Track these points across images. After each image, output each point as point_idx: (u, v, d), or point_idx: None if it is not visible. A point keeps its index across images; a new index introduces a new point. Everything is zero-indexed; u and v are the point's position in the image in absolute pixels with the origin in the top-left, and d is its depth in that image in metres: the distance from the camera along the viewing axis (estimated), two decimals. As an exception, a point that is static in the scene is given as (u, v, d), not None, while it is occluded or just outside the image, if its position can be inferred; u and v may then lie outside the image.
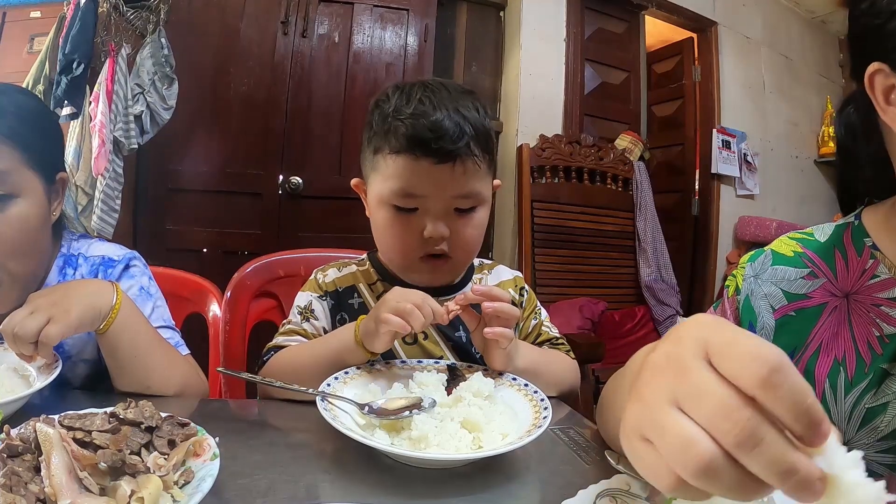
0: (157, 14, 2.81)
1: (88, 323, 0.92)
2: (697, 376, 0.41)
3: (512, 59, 3.66)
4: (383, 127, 1.04)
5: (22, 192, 0.97)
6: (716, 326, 0.44)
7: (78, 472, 0.58)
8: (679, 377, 0.42)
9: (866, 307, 0.80)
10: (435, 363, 1.03)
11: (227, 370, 1.02)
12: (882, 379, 0.76)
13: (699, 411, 0.40)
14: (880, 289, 0.80)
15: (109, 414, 0.70)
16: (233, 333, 1.42)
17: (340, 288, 1.17)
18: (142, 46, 2.78)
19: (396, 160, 1.02)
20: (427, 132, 0.98)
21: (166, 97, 2.77)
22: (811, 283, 0.85)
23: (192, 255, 1.39)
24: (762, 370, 0.38)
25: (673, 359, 0.43)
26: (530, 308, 1.25)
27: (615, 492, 0.66)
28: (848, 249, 0.85)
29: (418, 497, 0.72)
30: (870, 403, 0.77)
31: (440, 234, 1.03)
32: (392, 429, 0.83)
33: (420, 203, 1.03)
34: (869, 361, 0.78)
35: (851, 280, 0.83)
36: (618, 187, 3.78)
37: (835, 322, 0.82)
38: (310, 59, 3.16)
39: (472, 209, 1.07)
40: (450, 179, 1.01)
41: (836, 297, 0.83)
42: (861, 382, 0.77)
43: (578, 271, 3.56)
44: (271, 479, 0.72)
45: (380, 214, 1.08)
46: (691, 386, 0.41)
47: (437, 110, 1.00)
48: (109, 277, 1.09)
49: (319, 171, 3.13)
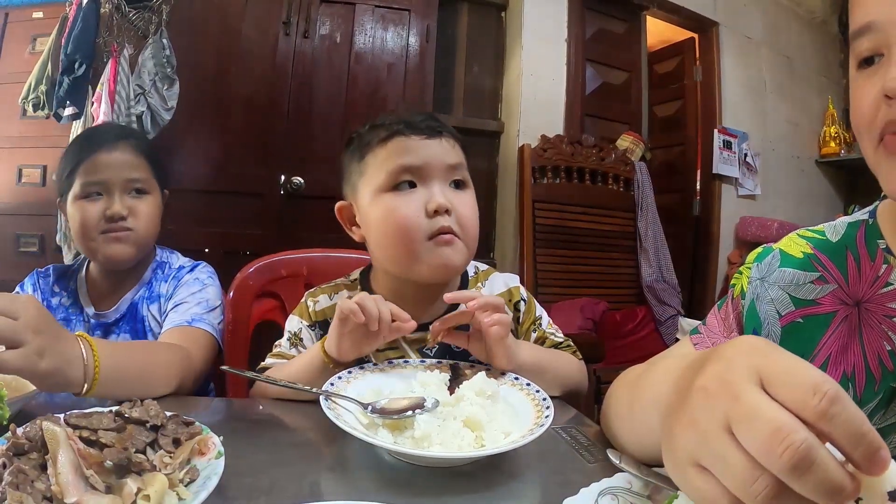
0: (158, 15, 2.82)
1: (51, 385, 0.85)
2: (752, 399, 0.41)
3: (513, 60, 3.66)
4: (365, 139, 1.11)
5: (151, 191, 1.39)
6: (769, 352, 0.44)
7: (84, 470, 0.58)
8: (733, 402, 0.42)
9: (878, 318, 0.75)
10: (437, 363, 1.04)
11: (231, 368, 1.02)
12: (892, 398, 0.73)
13: (753, 434, 0.40)
14: (893, 298, 0.75)
15: (115, 413, 0.70)
16: (236, 333, 1.43)
17: (329, 318, 1.14)
18: (143, 47, 2.78)
19: (387, 146, 1.07)
20: (410, 117, 1.09)
21: (167, 98, 2.77)
22: (820, 289, 0.81)
23: (193, 255, 1.40)
24: (822, 402, 0.39)
25: (726, 383, 0.43)
26: (529, 320, 1.22)
27: (617, 490, 0.66)
28: (861, 252, 0.80)
29: (421, 495, 0.72)
30: (879, 424, 0.72)
31: (443, 204, 1.04)
32: (395, 428, 0.84)
33: (418, 176, 1.06)
34: (879, 378, 0.74)
35: (864, 287, 0.78)
36: (619, 187, 3.77)
37: (845, 333, 0.78)
38: (311, 60, 3.16)
39: (464, 187, 1.11)
40: (441, 150, 1.07)
41: (847, 305, 0.79)
42: (870, 402, 0.73)
43: (580, 271, 3.56)
44: (275, 478, 0.73)
45: (378, 208, 1.07)
46: (747, 409, 0.41)
47: (412, 112, 1.12)
48: (181, 277, 1.39)
49: (321, 171, 3.13)
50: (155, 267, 1.42)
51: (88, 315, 1.36)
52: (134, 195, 1.34)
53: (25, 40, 3.21)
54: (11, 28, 3.25)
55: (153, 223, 1.38)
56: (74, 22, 2.67)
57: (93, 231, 1.30)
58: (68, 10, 2.76)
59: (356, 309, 0.94)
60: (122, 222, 1.30)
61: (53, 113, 2.73)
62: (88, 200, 1.30)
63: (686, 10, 4.13)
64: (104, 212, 1.29)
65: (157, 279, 1.40)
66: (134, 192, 1.34)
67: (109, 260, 1.33)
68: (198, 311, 1.29)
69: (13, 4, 3.22)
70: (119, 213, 1.30)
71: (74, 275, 1.42)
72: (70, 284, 1.40)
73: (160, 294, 1.37)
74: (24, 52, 3.19)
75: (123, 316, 1.36)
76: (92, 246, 1.31)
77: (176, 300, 1.33)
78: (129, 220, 1.31)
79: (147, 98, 2.73)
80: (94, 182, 1.30)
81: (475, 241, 1.11)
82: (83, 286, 1.39)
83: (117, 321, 1.36)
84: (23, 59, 3.14)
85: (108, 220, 1.29)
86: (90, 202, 1.30)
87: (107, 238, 1.30)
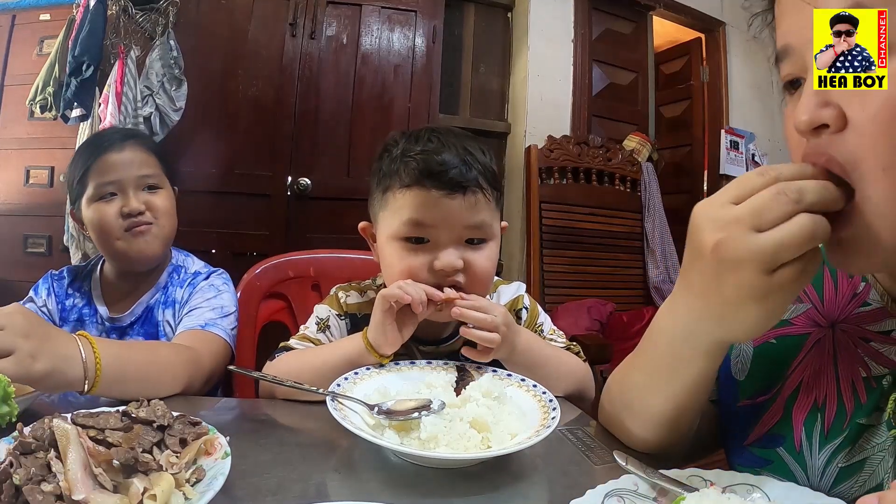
0: (165, 16, 2.83)
1: (51, 386, 0.86)
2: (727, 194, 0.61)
3: (520, 60, 3.66)
4: (392, 167, 1.06)
5: (164, 187, 1.39)
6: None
7: (93, 468, 0.59)
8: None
9: (854, 341, 0.72)
10: (444, 364, 1.04)
11: (237, 368, 1.02)
12: (859, 434, 0.68)
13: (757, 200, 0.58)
14: (870, 319, 0.72)
15: (122, 413, 0.70)
16: (243, 334, 1.43)
17: (360, 314, 1.18)
18: (151, 48, 2.80)
19: (406, 194, 1.03)
20: (437, 165, 1.01)
21: (175, 99, 2.79)
22: (794, 308, 0.79)
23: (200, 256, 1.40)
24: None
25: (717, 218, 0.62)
26: (531, 328, 1.22)
27: (623, 492, 0.66)
28: (839, 269, 0.78)
29: (427, 496, 0.72)
30: (843, 463, 0.68)
31: (451, 265, 1.02)
32: (401, 429, 0.84)
33: (430, 234, 1.03)
34: (850, 411, 0.69)
35: (840, 305, 0.75)
36: (626, 188, 3.77)
37: (817, 357, 0.75)
38: (318, 61, 3.17)
39: (483, 242, 1.07)
40: (459, 210, 1.02)
41: (821, 326, 0.76)
42: (835, 438, 0.69)
43: (587, 272, 3.55)
44: (281, 478, 0.73)
45: (389, 250, 1.07)
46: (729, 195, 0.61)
47: (445, 148, 1.03)
48: (197, 284, 1.38)
49: (328, 172, 3.14)
50: (171, 271, 1.43)
51: (103, 317, 1.36)
52: (148, 191, 1.35)
53: (33, 42, 3.23)
54: (19, 30, 3.27)
55: (171, 216, 1.39)
56: (82, 24, 2.69)
57: (115, 231, 1.30)
58: (75, 13, 2.78)
59: (400, 294, 0.98)
60: (141, 217, 1.31)
61: (61, 114, 2.75)
62: (104, 201, 1.31)
63: (693, 10, 4.13)
64: (121, 209, 1.30)
65: (173, 283, 1.40)
66: (147, 188, 1.35)
67: (139, 256, 1.34)
68: (211, 315, 1.29)
69: (20, 7, 3.24)
70: (137, 209, 1.31)
71: (89, 276, 1.42)
72: (84, 285, 1.40)
73: (175, 300, 1.37)
74: (32, 53, 3.20)
75: (138, 319, 1.36)
76: (118, 246, 1.32)
77: (190, 306, 1.33)
78: (147, 214, 1.33)
79: (155, 99, 2.74)
80: (108, 182, 1.31)
81: (485, 292, 1.11)
82: (97, 287, 1.40)
83: (132, 324, 1.36)
84: (30, 60, 3.16)
85: (127, 217, 1.30)
86: (106, 203, 1.31)
87: (133, 234, 1.31)
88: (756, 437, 0.77)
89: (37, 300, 1.37)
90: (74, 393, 0.90)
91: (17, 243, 3.18)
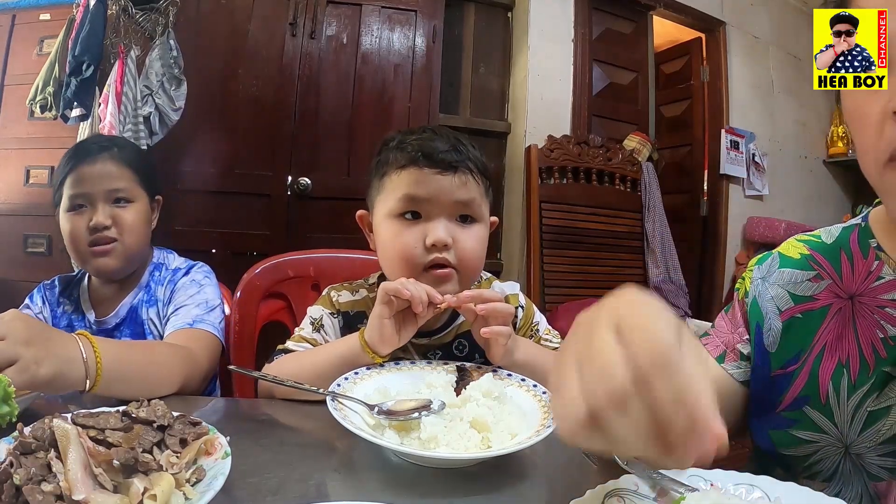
0: (165, 16, 2.83)
1: (58, 387, 0.87)
2: (599, 342, 0.44)
3: (520, 60, 3.66)
4: (389, 154, 1.13)
5: (136, 200, 1.39)
6: (638, 304, 0.47)
7: (93, 468, 0.59)
8: (587, 340, 0.46)
9: (871, 309, 0.80)
10: (444, 364, 1.04)
11: (238, 368, 1.02)
12: (885, 382, 0.76)
13: (586, 370, 0.44)
14: (885, 290, 0.79)
15: (122, 413, 0.70)
16: (243, 333, 1.43)
17: (352, 311, 1.20)
18: (151, 48, 2.80)
19: (401, 173, 1.09)
20: (430, 148, 1.08)
21: (175, 98, 2.79)
22: (817, 286, 0.86)
23: (200, 256, 1.40)
24: (645, 364, 0.41)
25: (589, 324, 0.47)
26: (526, 326, 1.25)
27: (623, 492, 0.66)
28: (854, 251, 0.85)
29: (428, 496, 0.72)
30: (872, 407, 0.76)
31: (442, 240, 1.05)
32: (401, 429, 0.84)
33: (423, 209, 1.08)
34: (872, 364, 0.77)
35: (857, 282, 0.82)
36: (626, 188, 3.77)
37: (839, 324, 0.82)
38: (318, 61, 3.17)
39: (472, 222, 1.11)
40: (450, 186, 1.07)
41: (841, 298, 0.83)
42: (863, 385, 0.77)
43: (587, 272, 3.55)
44: (281, 478, 0.73)
45: (385, 229, 1.11)
46: (591, 349, 0.44)
47: (438, 137, 1.12)
48: (177, 281, 1.41)
49: (328, 171, 3.14)
50: (152, 269, 1.45)
51: (90, 321, 1.38)
52: (117, 205, 1.36)
53: (33, 42, 3.22)
54: (19, 30, 3.26)
55: (139, 231, 1.39)
56: (82, 24, 2.69)
57: (81, 243, 1.33)
58: (75, 12, 2.78)
59: (400, 288, 0.98)
60: (105, 232, 1.33)
61: (61, 114, 2.74)
62: (75, 213, 1.33)
63: (693, 9, 4.12)
64: (89, 223, 1.32)
65: (155, 281, 1.43)
66: (117, 201, 1.36)
67: (97, 273, 1.39)
68: (198, 312, 1.31)
69: (20, 6, 3.24)
70: (102, 223, 1.32)
71: (78, 284, 1.45)
72: (73, 293, 1.44)
73: (158, 298, 1.40)
74: (32, 53, 3.20)
75: (123, 320, 1.38)
76: (81, 258, 1.36)
77: (175, 304, 1.35)
78: (113, 229, 1.34)
79: (155, 98, 2.74)
80: (79, 194, 1.33)
81: (475, 273, 1.15)
82: (85, 293, 1.43)
83: (118, 326, 1.38)
84: (30, 60, 3.16)
85: (93, 231, 1.32)
86: (76, 214, 1.33)
87: (93, 252, 1.33)
88: (787, 402, 0.85)
89: (33, 308, 1.41)
90: (75, 392, 0.90)
91: (17, 243, 3.18)
